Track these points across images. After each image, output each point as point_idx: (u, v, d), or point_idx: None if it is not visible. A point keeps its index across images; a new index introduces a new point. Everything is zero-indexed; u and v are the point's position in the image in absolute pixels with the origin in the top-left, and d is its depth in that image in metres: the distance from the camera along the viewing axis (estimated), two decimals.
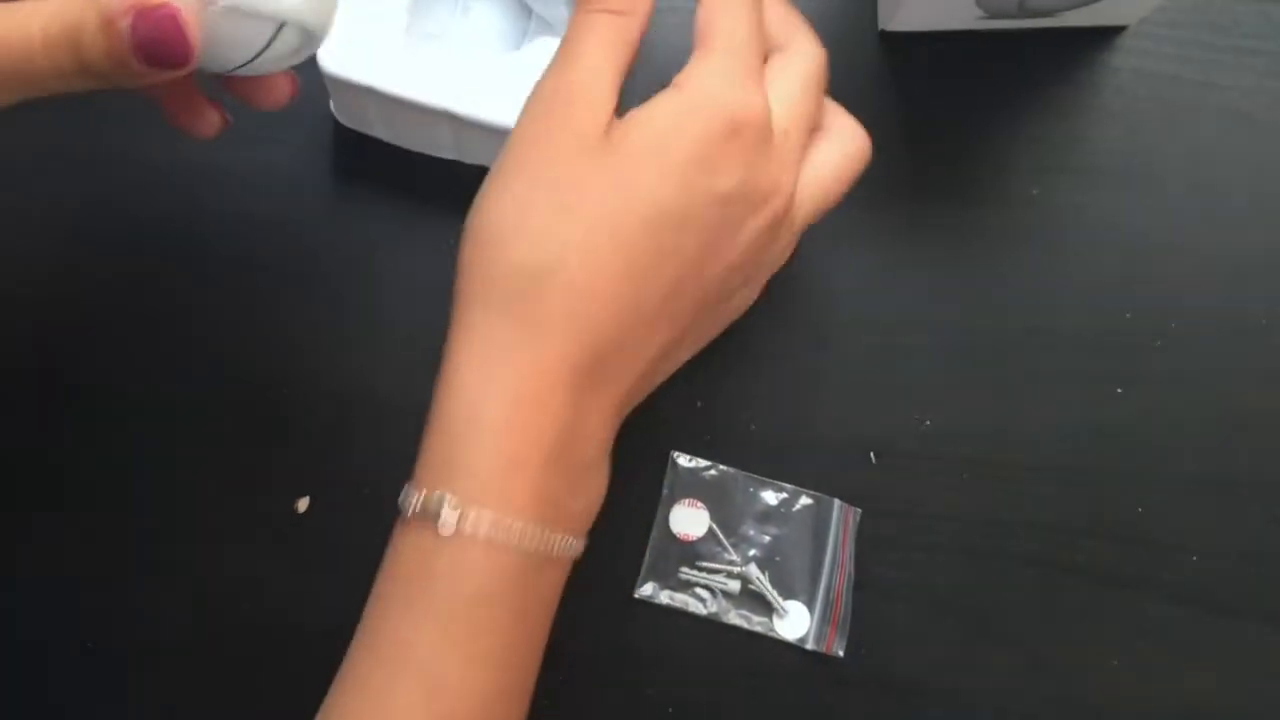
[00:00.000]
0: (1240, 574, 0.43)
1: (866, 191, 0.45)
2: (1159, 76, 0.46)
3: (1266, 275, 0.45)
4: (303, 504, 0.42)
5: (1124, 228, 0.45)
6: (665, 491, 0.43)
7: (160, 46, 0.25)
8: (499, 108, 0.39)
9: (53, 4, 0.25)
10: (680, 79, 0.33)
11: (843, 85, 0.46)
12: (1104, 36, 0.47)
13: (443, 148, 0.43)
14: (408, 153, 0.44)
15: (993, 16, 0.45)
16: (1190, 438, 0.44)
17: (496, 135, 0.40)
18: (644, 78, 0.45)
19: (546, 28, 0.42)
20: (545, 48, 0.40)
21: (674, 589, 0.42)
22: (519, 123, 0.33)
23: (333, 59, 0.39)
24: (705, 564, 0.42)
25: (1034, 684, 0.42)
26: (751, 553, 0.43)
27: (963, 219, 0.45)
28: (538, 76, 0.39)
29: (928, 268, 0.45)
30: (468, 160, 0.43)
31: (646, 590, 0.42)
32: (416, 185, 0.44)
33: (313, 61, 0.40)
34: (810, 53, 0.35)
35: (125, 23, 0.25)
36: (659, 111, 0.32)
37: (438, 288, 0.36)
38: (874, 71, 0.46)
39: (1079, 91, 0.46)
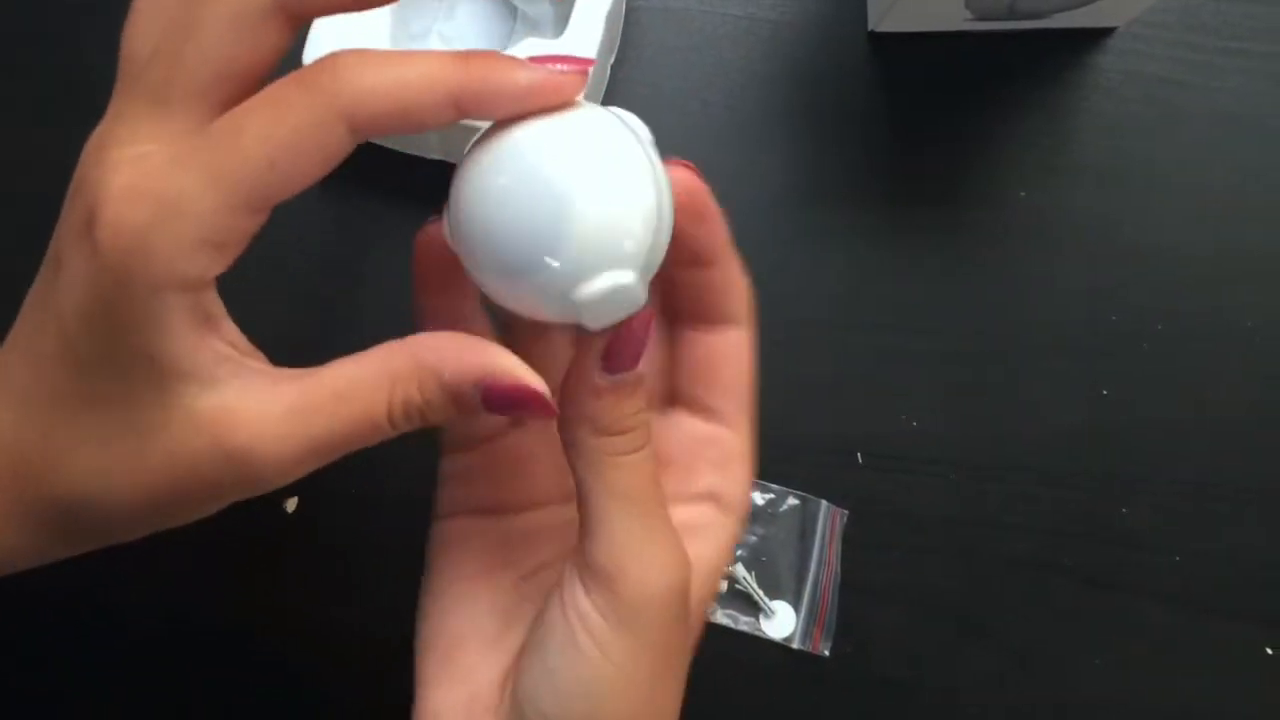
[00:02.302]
0: (1224, 575, 0.43)
1: (854, 193, 0.45)
2: (1147, 78, 0.46)
3: (1253, 277, 0.45)
4: (291, 504, 0.42)
5: (1111, 229, 0.45)
6: None
7: (518, 410, 0.25)
8: None
9: (385, 373, 0.25)
10: (735, 499, 0.30)
11: (832, 87, 0.46)
12: (1093, 38, 0.47)
13: (429, 148, 0.43)
14: (394, 153, 0.44)
15: (982, 18, 0.45)
16: (1176, 439, 0.44)
17: None
18: (637, 76, 0.46)
19: (532, 27, 0.42)
20: (530, 47, 0.40)
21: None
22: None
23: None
24: None
25: (1019, 684, 0.42)
26: (738, 552, 0.43)
27: (950, 220, 0.45)
28: None
29: (915, 268, 0.45)
30: (454, 160, 0.43)
31: None
32: (403, 186, 0.44)
33: (298, 61, 0.40)
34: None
35: (476, 395, 0.25)
36: (725, 557, 0.30)
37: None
38: (863, 73, 0.46)
39: (1067, 93, 0.46)
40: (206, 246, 0.23)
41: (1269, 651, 0.43)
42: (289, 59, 0.32)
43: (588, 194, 0.23)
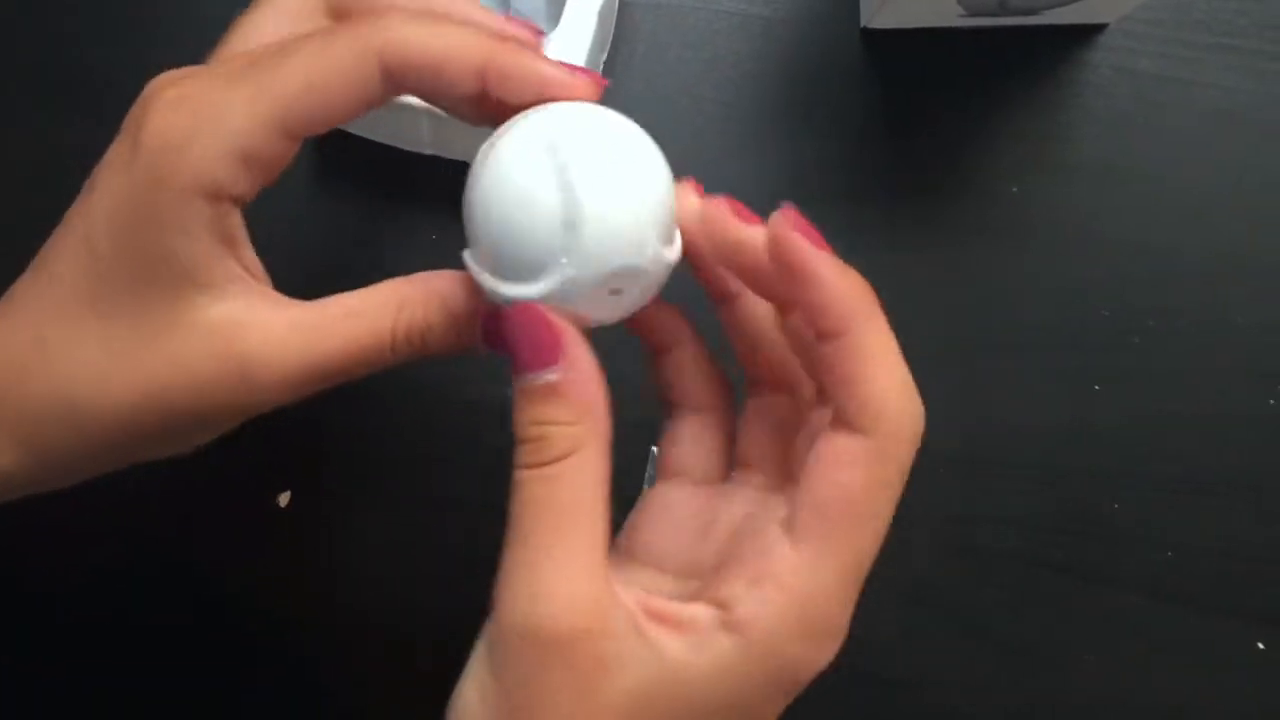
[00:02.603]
0: (1215, 570, 0.43)
1: (846, 189, 0.45)
2: (1139, 74, 0.47)
3: (1244, 273, 0.45)
4: (284, 498, 0.42)
5: (1103, 225, 0.45)
6: (646, 486, 0.43)
7: (526, 352, 0.23)
8: None
9: (393, 299, 0.26)
10: (747, 619, 0.23)
11: (824, 83, 0.46)
12: (1085, 34, 0.47)
13: (422, 143, 0.43)
14: (387, 148, 0.44)
15: (974, 14, 0.45)
16: (1167, 435, 0.44)
17: (474, 131, 0.40)
18: (630, 73, 0.46)
19: None
20: None
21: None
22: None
23: None
24: None
25: (1009, 679, 0.42)
26: None
27: (942, 216, 0.45)
28: None
29: (906, 264, 0.45)
30: (447, 156, 0.43)
31: None
32: (396, 181, 0.44)
33: None
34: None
35: (475, 323, 0.25)
36: (717, 690, 0.23)
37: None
38: (856, 69, 0.46)
39: (1059, 89, 0.46)
40: (239, 158, 0.24)
41: (1260, 646, 0.43)
42: None
43: (611, 197, 0.24)
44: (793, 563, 0.23)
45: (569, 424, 0.23)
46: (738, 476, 0.28)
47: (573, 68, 0.26)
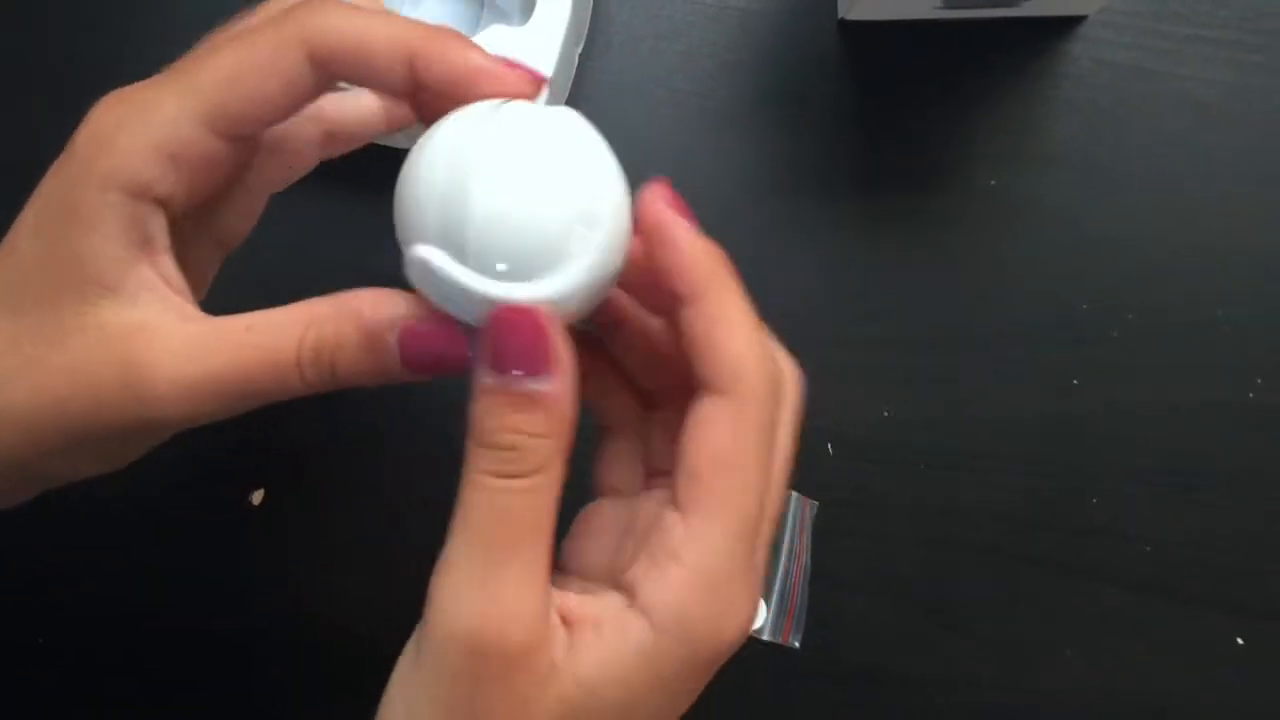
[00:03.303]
0: (1194, 563, 0.43)
1: (824, 182, 0.45)
2: (1119, 66, 0.46)
3: (1224, 267, 0.45)
4: (257, 496, 0.42)
5: (1082, 218, 0.45)
6: None
7: (433, 360, 0.23)
8: None
9: (302, 317, 0.24)
10: (652, 601, 0.23)
11: (801, 75, 0.46)
12: (1064, 26, 0.46)
13: (396, 138, 0.42)
14: (385, 149, 0.43)
15: (952, 6, 0.44)
16: (1146, 429, 0.44)
17: None
18: (605, 64, 0.45)
19: (499, 15, 0.42)
20: (498, 35, 0.40)
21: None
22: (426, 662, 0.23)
23: None
24: None
25: (990, 673, 0.42)
26: None
27: (921, 209, 0.45)
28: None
29: (885, 258, 0.45)
30: None
31: None
32: (372, 174, 0.44)
33: None
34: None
35: (391, 338, 0.23)
36: (636, 674, 0.23)
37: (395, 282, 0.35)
38: (833, 61, 0.46)
39: (1038, 81, 0.46)
40: (164, 153, 0.24)
41: (1240, 641, 0.43)
42: None
43: (589, 197, 0.24)
44: (682, 534, 0.23)
45: (544, 437, 0.22)
46: (655, 482, 0.28)
47: (510, 62, 0.25)
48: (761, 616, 0.42)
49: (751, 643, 0.42)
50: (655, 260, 0.25)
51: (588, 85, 0.45)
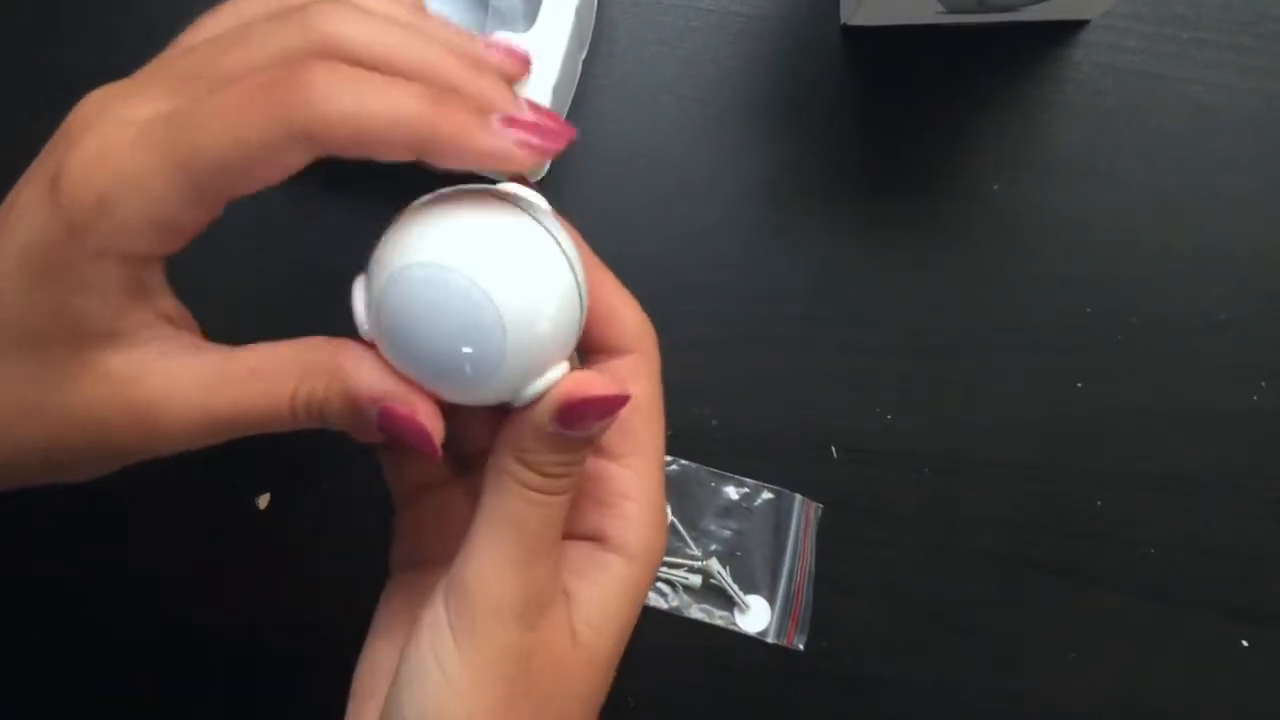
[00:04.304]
0: (1197, 568, 0.43)
1: (827, 187, 0.45)
2: (1121, 71, 0.46)
3: (1227, 270, 0.45)
4: (264, 500, 0.42)
5: (1085, 222, 0.45)
6: None
7: (405, 440, 0.25)
8: None
9: (298, 366, 0.25)
10: (625, 540, 0.28)
11: (804, 81, 0.46)
12: (1066, 31, 0.47)
13: None
14: None
15: (954, 11, 0.45)
16: (1149, 432, 0.44)
17: None
18: (608, 71, 0.45)
19: (502, 21, 0.42)
20: (502, 39, 0.40)
21: (654, 576, 0.42)
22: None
23: None
24: (667, 559, 0.42)
25: (993, 677, 0.42)
26: (713, 547, 0.43)
27: (924, 214, 0.45)
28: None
29: (889, 263, 0.45)
30: None
31: None
32: (376, 179, 0.44)
33: None
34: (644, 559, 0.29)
35: (372, 413, 0.25)
36: (624, 602, 0.28)
37: None
38: (836, 66, 0.46)
39: (1041, 86, 0.46)
40: (155, 227, 0.24)
41: (1244, 644, 0.43)
42: None
43: (521, 313, 0.24)
44: (628, 477, 0.28)
45: (580, 466, 0.27)
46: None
47: (528, 126, 0.25)
48: (765, 619, 0.42)
49: (755, 645, 0.42)
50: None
51: (591, 91, 0.45)
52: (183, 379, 0.25)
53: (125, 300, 0.25)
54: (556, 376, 0.25)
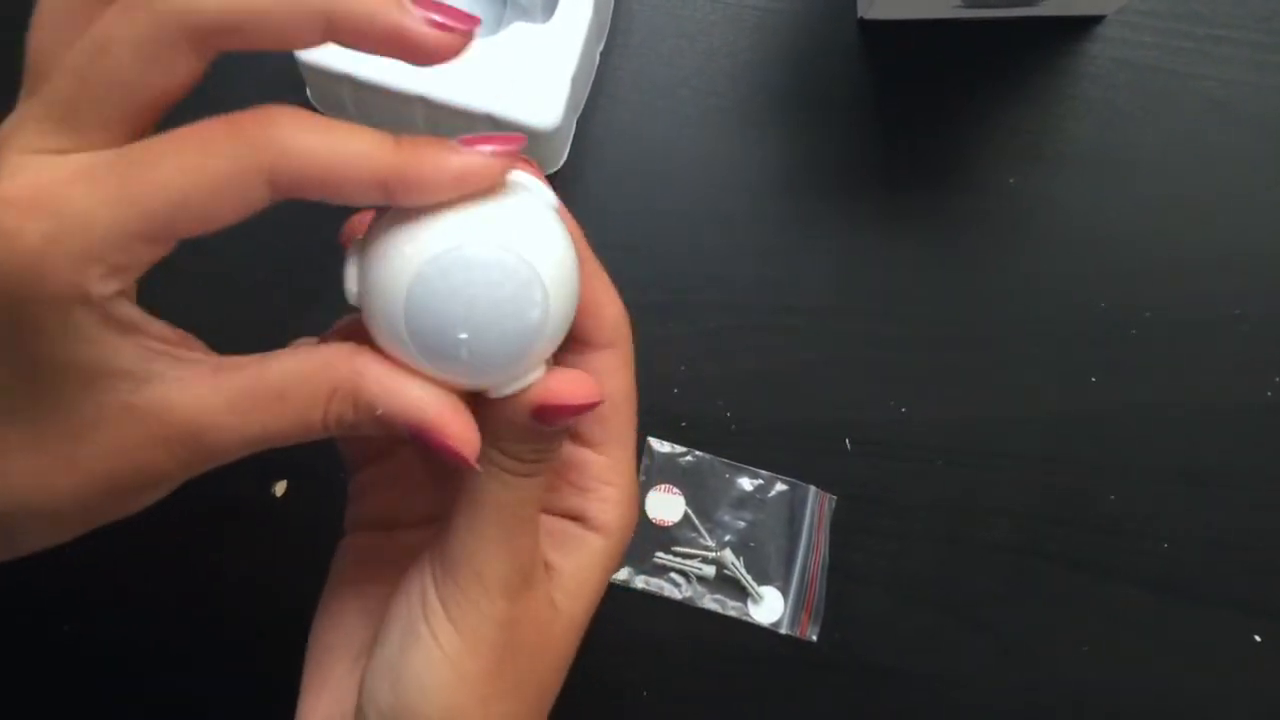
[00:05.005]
0: (1211, 561, 0.43)
1: (843, 180, 0.45)
2: (1137, 66, 0.46)
3: (1241, 265, 0.45)
4: (280, 488, 0.42)
5: (1101, 217, 0.45)
6: (641, 477, 0.43)
7: (440, 458, 0.25)
8: (473, 93, 0.39)
9: (327, 383, 0.24)
10: (604, 520, 0.30)
11: (821, 74, 0.46)
12: (1082, 25, 0.47)
13: (419, 133, 0.43)
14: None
15: (971, 5, 0.45)
16: (1164, 427, 0.44)
17: (471, 120, 0.40)
18: (625, 63, 0.46)
19: (521, 13, 0.42)
20: (519, 33, 0.40)
21: (649, 573, 0.42)
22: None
23: None
24: (681, 549, 0.43)
25: (1006, 669, 0.42)
26: (727, 538, 0.43)
27: (940, 207, 0.45)
28: (513, 61, 0.39)
29: (904, 255, 0.45)
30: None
31: (622, 575, 0.42)
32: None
33: None
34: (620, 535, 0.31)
35: (404, 430, 0.25)
36: (599, 573, 0.30)
37: None
38: (852, 60, 0.46)
39: (1057, 81, 0.46)
40: (104, 266, 0.22)
41: (1257, 639, 0.43)
42: (278, 55, 0.33)
43: (549, 301, 0.24)
44: (606, 464, 0.30)
45: (555, 451, 0.28)
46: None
47: (485, 140, 0.24)
48: (779, 610, 0.42)
49: (769, 636, 0.42)
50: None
51: (609, 83, 0.45)
52: (213, 405, 0.24)
53: (113, 336, 0.23)
54: (535, 378, 0.26)
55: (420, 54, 0.24)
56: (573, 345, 0.30)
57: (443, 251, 0.23)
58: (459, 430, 0.24)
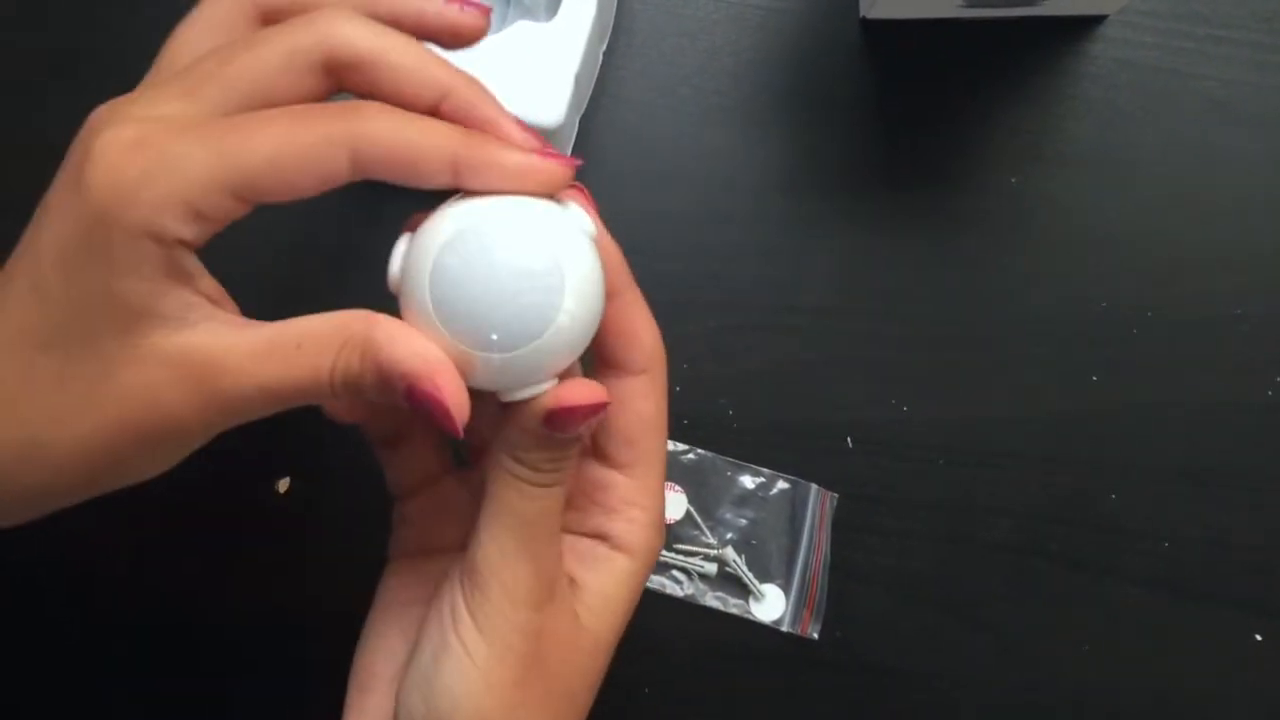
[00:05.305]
0: (1212, 561, 0.43)
1: (845, 179, 0.46)
2: (1139, 66, 0.47)
3: (1242, 265, 0.45)
4: (284, 484, 0.42)
5: (1102, 217, 0.46)
6: None
7: (430, 417, 0.25)
8: None
9: (338, 335, 0.26)
10: (629, 541, 0.31)
11: (823, 73, 0.46)
12: (1084, 25, 0.47)
13: None
14: None
15: (973, 5, 0.45)
16: (1164, 426, 0.44)
17: None
18: (629, 62, 0.46)
19: (525, 11, 0.42)
20: (523, 31, 0.40)
21: (651, 571, 0.42)
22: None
23: None
24: (683, 546, 0.43)
25: (1006, 668, 0.42)
26: (728, 536, 0.43)
27: (941, 207, 0.46)
28: (516, 59, 0.40)
29: (906, 254, 0.45)
30: None
31: None
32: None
33: None
34: (645, 558, 0.32)
35: (400, 386, 0.25)
36: (625, 592, 0.31)
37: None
38: (855, 59, 0.46)
39: (1059, 81, 0.46)
40: (189, 211, 0.24)
41: (1258, 638, 0.43)
42: None
43: (573, 298, 0.26)
44: (634, 487, 0.31)
45: (570, 462, 0.29)
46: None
47: (543, 153, 0.27)
48: (780, 608, 0.42)
49: (770, 633, 0.42)
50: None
51: (611, 82, 0.46)
52: (236, 352, 0.25)
53: (168, 282, 0.25)
54: (546, 388, 0.27)
55: (453, 36, 0.27)
56: (606, 369, 0.31)
57: (469, 226, 0.26)
58: (449, 385, 0.25)
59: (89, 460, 0.26)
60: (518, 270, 0.25)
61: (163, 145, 0.24)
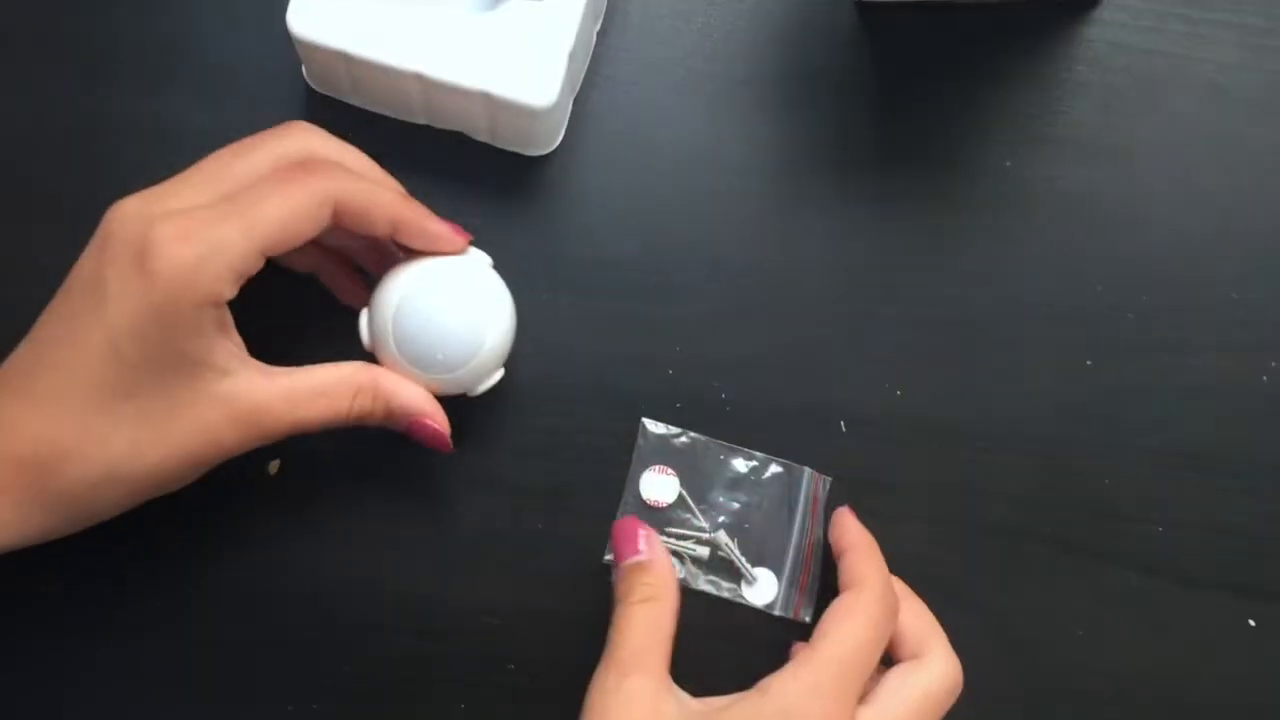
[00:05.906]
0: (1206, 545, 0.43)
1: (839, 162, 0.45)
2: (1134, 49, 0.46)
3: (1237, 249, 0.45)
4: (274, 466, 0.42)
5: (1097, 200, 0.45)
6: (635, 458, 0.43)
7: (426, 442, 0.38)
8: (470, 70, 0.39)
9: (352, 386, 0.36)
10: (767, 681, 0.35)
11: (817, 55, 0.46)
12: (1080, 9, 0.47)
13: (414, 112, 0.43)
14: (382, 119, 0.44)
15: None
16: (1159, 410, 0.44)
17: (467, 98, 0.40)
18: (622, 43, 0.45)
19: None
20: (517, 11, 0.40)
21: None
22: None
23: (302, 22, 0.39)
24: (675, 530, 0.43)
25: (1000, 653, 0.42)
26: (721, 519, 0.43)
27: (936, 190, 0.45)
28: (510, 38, 0.39)
29: (899, 238, 0.45)
30: (439, 125, 0.43)
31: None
32: (390, 152, 0.44)
33: (284, 26, 0.40)
34: (940, 673, 0.37)
35: (404, 420, 0.38)
36: (734, 715, 0.35)
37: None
38: (848, 42, 0.46)
39: (1054, 64, 0.46)
40: (235, 276, 0.33)
41: (1251, 623, 0.43)
42: (273, 34, 0.33)
43: (492, 325, 0.38)
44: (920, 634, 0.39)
45: (653, 584, 0.37)
46: None
47: (454, 227, 0.38)
48: (773, 591, 0.42)
49: (762, 617, 0.42)
50: (834, 539, 0.41)
51: (605, 63, 0.45)
52: (273, 396, 0.35)
53: (219, 335, 0.34)
54: (498, 379, 0.39)
55: (443, 246, 0.38)
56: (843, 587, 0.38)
57: (414, 289, 0.37)
58: (441, 419, 0.38)
59: (158, 480, 0.34)
60: (452, 320, 0.37)
61: (204, 233, 0.32)
